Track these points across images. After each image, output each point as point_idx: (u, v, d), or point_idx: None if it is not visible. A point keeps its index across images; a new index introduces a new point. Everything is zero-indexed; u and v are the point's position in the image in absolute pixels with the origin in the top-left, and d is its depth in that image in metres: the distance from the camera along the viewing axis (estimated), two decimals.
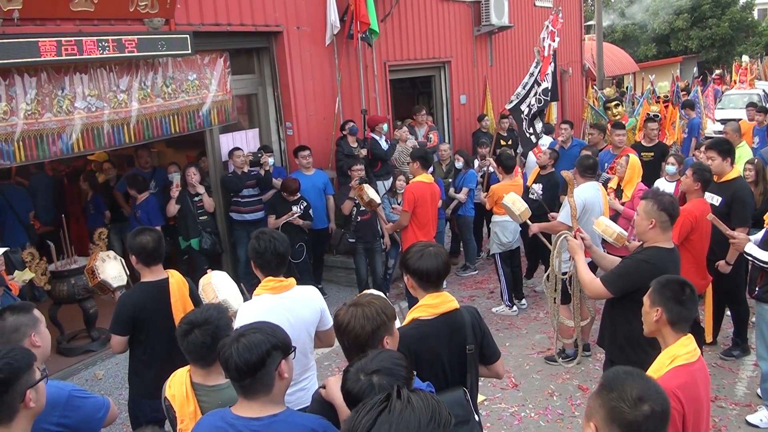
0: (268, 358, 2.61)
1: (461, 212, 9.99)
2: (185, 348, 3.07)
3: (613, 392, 2.33)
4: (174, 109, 8.06)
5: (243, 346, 2.59)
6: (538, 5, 17.52)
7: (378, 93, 11.56)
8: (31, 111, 6.58)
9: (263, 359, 2.60)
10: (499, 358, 3.62)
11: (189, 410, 3.04)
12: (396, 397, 1.87)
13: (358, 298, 3.01)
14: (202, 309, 3.19)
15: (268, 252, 3.92)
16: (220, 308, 3.23)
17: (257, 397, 2.64)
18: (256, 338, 2.63)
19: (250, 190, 9.05)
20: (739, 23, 38.50)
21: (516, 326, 8.18)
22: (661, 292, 3.29)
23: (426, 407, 1.86)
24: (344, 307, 2.96)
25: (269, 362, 2.62)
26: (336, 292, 9.63)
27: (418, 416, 1.82)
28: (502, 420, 6.02)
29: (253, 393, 2.64)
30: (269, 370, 2.62)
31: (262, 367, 2.60)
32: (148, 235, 4.48)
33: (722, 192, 6.43)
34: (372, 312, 2.89)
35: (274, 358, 2.63)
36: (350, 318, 2.88)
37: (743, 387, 6.35)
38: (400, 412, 1.83)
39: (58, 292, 7.58)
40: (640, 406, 2.27)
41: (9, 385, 2.55)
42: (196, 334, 3.03)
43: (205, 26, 8.43)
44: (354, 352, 2.86)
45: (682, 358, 3.16)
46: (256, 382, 2.61)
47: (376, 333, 2.87)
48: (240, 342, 2.61)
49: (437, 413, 1.86)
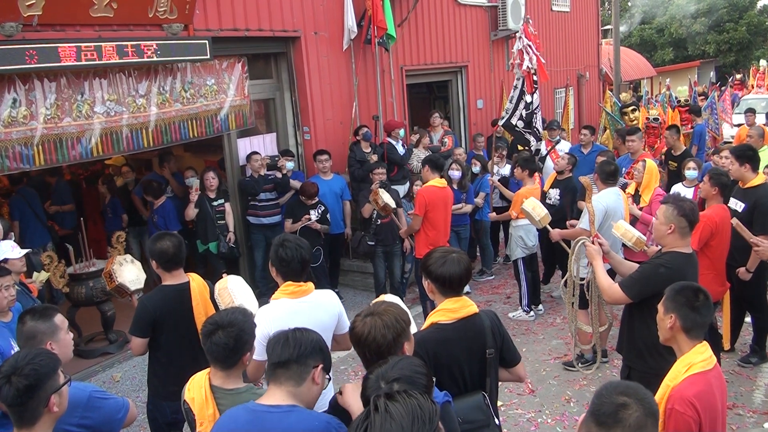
0: (310, 358, 2.75)
1: (478, 217, 9.96)
2: (207, 348, 3.07)
3: (599, 388, 2.40)
4: (192, 113, 8.12)
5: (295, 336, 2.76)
6: (555, 10, 17.49)
7: (395, 98, 11.58)
8: (51, 115, 6.64)
9: (306, 354, 2.74)
10: (520, 361, 3.63)
11: (208, 413, 3.05)
12: (374, 411, 1.89)
13: (373, 307, 2.98)
14: (228, 311, 3.19)
15: (294, 261, 3.92)
16: (246, 312, 3.23)
17: (287, 386, 2.72)
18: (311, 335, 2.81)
19: (268, 193, 9.09)
20: (756, 27, 38.30)
21: (533, 332, 8.16)
22: (675, 299, 3.27)
23: (405, 411, 1.89)
24: (360, 318, 2.93)
25: (310, 361, 2.75)
26: (352, 296, 9.64)
27: (399, 423, 1.86)
28: (519, 426, 6.00)
29: (284, 380, 2.73)
30: (308, 365, 2.75)
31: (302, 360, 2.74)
32: (168, 240, 4.49)
33: (746, 198, 6.36)
34: (391, 320, 2.88)
35: (315, 358, 2.77)
36: (370, 328, 2.85)
37: (761, 394, 6.29)
38: (380, 425, 1.87)
39: (76, 294, 7.64)
40: (616, 397, 2.29)
41: (34, 391, 2.59)
42: (219, 335, 3.03)
43: (224, 32, 8.48)
44: (375, 361, 2.86)
45: (698, 366, 3.14)
46: (289, 370, 2.73)
47: (396, 341, 2.86)
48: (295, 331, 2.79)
49: (418, 412, 1.89)
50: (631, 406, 2.26)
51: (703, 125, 13.50)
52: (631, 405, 2.26)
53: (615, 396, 2.30)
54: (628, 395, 2.29)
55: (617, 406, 2.26)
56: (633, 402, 2.27)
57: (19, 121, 6.41)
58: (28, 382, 2.57)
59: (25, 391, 2.56)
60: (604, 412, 2.27)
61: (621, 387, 2.35)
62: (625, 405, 2.26)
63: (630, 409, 2.25)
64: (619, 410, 2.26)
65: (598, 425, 2.27)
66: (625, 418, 2.25)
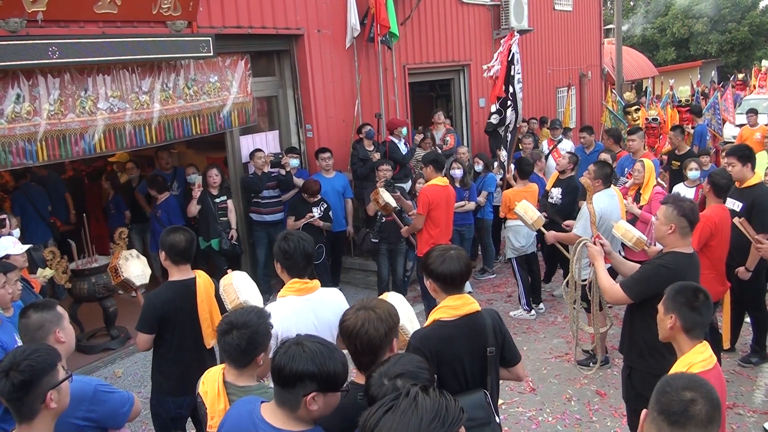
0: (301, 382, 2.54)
1: (480, 215, 9.97)
2: (222, 346, 3.08)
3: (663, 382, 2.35)
4: (195, 110, 8.13)
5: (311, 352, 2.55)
6: (558, 9, 17.49)
7: (397, 96, 11.59)
8: (54, 111, 6.66)
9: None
10: (519, 361, 3.63)
11: (219, 407, 3.05)
12: (404, 396, 1.89)
13: (364, 302, 3.01)
14: (244, 311, 3.17)
15: (297, 253, 3.90)
16: (262, 313, 3.20)
17: (288, 411, 2.60)
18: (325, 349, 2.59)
19: (271, 191, 9.12)
20: (759, 27, 38.28)
21: (534, 330, 8.18)
22: (675, 299, 3.29)
23: (432, 406, 1.88)
24: (352, 312, 2.94)
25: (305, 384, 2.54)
26: (353, 294, 9.64)
27: (420, 415, 1.86)
28: (520, 424, 6.01)
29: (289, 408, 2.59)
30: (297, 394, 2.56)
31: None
32: (182, 234, 4.52)
33: (743, 198, 6.39)
34: (384, 314, 2.92)
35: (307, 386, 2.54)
36: (363, 321, 2.87)
37: (761, 394, 6.31)
38: (403, 411, 1.87)
39: (78, 290, 7.67)
40: (682, 392, 2.26)
41: (30, 387, 2.59)
42: (233, 335, 3.02)
43: (227, 29, 8.50)
44: (365, 356, 2.88)
45: (698, 366, 3.15)
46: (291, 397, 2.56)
47: (388, 335, 2.89)
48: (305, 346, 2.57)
49: (443, 412, 1.88)
50: (698, 401, 2.24)
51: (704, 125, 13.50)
52: (698, 400, 2.25)
53: (681, 392, 2.27)
54: (693, 389, 2.27)
55: (687, 403, 2.24)
56: (699, 396, 2.26)
57: (23, 117, 6.42)
58: (24, 377, 2.56)
59: (21, 386, 2.56)
60: (675, 411, 2.24)
61: (684, 381, 2.33)
62: (693, 401, 2.24)
63: (698, 404, 2.24)
64: (689, 407, 2.24)
65: (671, 424, 2.24)
66: (696, 413, 2.23)
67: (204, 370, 3.30)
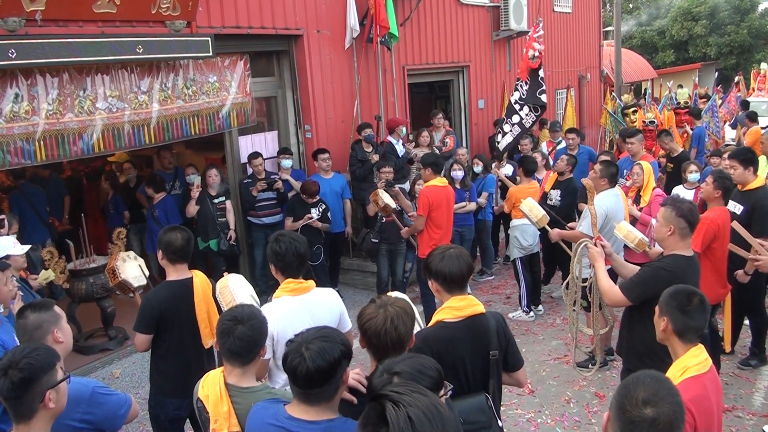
0: (339, 367, 2.55)
1: (480, 216, 9.95)
2: (229, 345, 3.03)
3: (624, 389, 2.33)
4: (194, 110, 8.11)
5: (315, 352, 2.52)
6: (557, 11, 17.49)
7: (396, 97, 11.58)
8: (53, 111, 6.63)
9: (334, 368, 2.54)
10: (522, 366, 3.60)
11: (223, 410, 3.03)
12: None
13: (383, 300, 2.97)
14: (241, 307, 3.18)
15: (289, 253, 3.89)
16: (254, 307, 3.23)
17: (319, 404, 2.59)
18: (327, 345, 2.55)
19: (267, 193, 9.08)
20: (758, 30, 38.28)
21: (533, 332, 8.17)
22: (668, 302, 3.29)
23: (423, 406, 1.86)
24: (372, 311, 2.91)
25: (339, 371, 2.56)
26: (351, 295, 9.64)
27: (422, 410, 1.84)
28: (519, 426, 6.00)
29: (317, 401, 2.58)
30: (338, 378, 2.57)
31: (333, 377, 2.55)
32: (179, 232, 4.52)
33: (744, 201, 6.38)
34: (406, 308, 2.93)
35: (343, 366, 2.57)
36: (393, 317, 2.85)
37: (760, 397, 6.30)
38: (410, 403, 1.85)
39: (76, 290, 7.64)
40: (643, 409, 2.25)
41: (29, 385, 2.57)
42: (241, 329, 2.99)
43: (226, 29, 8.48)
44: (395, 351, 2.83)
45: (693, 369, 3.15)
46: (324, 391, 2.56)
47: (411, 330, 2.91)
48: (311, 348, 2.53)
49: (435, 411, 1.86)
50: (659, 418, 2.24)
51: (703, 128, 13.51)
52: (659, 418, 2.25)
53: (642, 409, 2.27)
54: (654, 404, 2.26)
55: (648, 423, 2.25)
56: (660, 412, 2.25)
57: (21, 117, 6.40)
58: (23, 375, 2.55)
59: (20, 384, 2.55)
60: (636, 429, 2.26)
61: (646, 393, 2.30)
62: (654, 420, 2.25)
63: (660, 423, 2.25)
64: (650, 428, 2.25)
65: None
66: (660, 429, 2.25)
67: (203, 370, 3.28)
